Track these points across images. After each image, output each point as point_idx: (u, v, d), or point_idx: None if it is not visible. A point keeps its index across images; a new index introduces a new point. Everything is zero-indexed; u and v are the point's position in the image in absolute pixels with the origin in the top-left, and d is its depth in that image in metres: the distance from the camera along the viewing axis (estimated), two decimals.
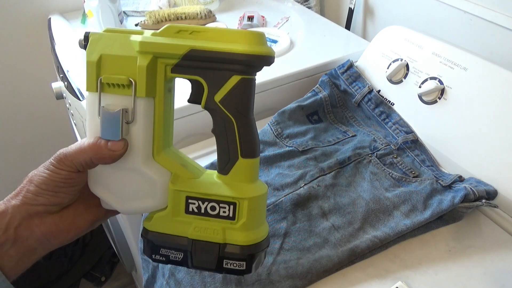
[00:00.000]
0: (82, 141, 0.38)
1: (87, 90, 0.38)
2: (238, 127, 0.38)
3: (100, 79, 0.37)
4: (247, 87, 0.38)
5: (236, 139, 0.38)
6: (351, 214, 0.55)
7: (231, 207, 0.39)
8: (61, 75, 0.84)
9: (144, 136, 0.38)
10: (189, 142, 0.71)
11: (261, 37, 0.37)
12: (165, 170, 0.40)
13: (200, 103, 0.39)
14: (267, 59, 0.38)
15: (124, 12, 0.98)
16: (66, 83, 0.80)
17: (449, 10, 0.82)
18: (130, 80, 0.37)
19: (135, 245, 0.91)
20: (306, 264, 0.49)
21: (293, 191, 0.57)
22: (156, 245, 0.41)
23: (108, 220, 1.01)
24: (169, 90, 0.41)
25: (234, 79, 0.37)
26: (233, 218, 0.39)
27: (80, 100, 0.73)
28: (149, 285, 0.61)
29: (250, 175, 0.40)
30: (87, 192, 0.41)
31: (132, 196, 0.40)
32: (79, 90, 0.75)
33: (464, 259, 0.51)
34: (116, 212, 0.43)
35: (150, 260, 0.60)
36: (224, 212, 0.39)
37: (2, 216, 0.36)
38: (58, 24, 0.96)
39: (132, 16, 1.01)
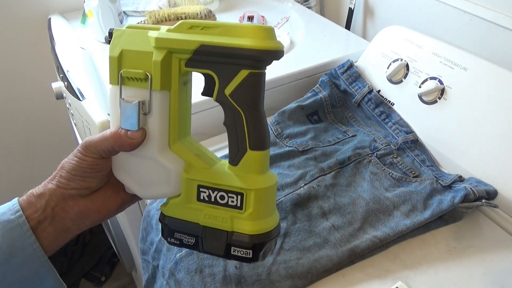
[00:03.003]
0: (106, 130, 0.42)
1: (110, 83, 0.41)
2: (246, 120, 0.39)
3: (121, 73, 0.40)
4: (256, 81, 0.39)
5: (244, 131, 0.39)
6: (351, 214, 0.55)
7: (239, 197, 0.40)
8: (61, 75, 0.84)
9: (159, 126, 0.41)
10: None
11: (269, 32, 0.38)
12: (179, 159, 0.42)
13: (212, 96, 0.40)
14: (275, 54, 0.38)
15: (124, 12, 0.98)
16: (66, 83, 0.80)
17: (449, 10, 0.82)
18: (146, 74, 0.39)
19: (135, 245, 0.91)
20: (306, 264, 0.49)
21: (293, 191, 0.57)
22: (171, 229, 0.43)
23: (108, 220, 1.02)
24: (185, 84, 0.42)
25: (243, 73, 0.38)
26: (240, 207, 0.40)
27: (80, 100, 0.73)
28: (149, 285, 0.62)
29: (259, 167, 0.41)
30: (115, 177, 0.44)
31: (150, 182, 0.43)
32: (79, 90, 0.75)
33: (464, 259, 0.51)
34: (140, 198, 0.46)
35: (150, 260, 0.60)
36: (233, 201, 0.40)
37: (41, 197, 0.40)
38: (58, 24, 0.96)
39: (132, 16, 1.01)
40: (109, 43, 0.41)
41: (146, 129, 0.41)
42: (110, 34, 0.41)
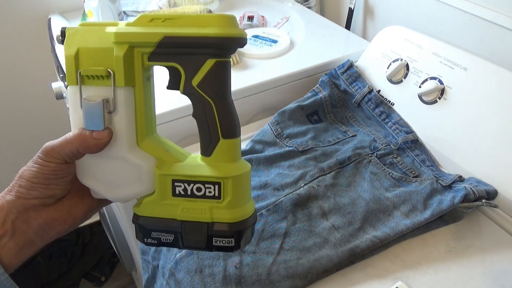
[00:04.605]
0: (67, 134, 0.39)
1: (68, 84, 0.39)
2: (217, 109, 0.39)
3: (79, 72, 0.38)
4: (222, 70, 0.39)
5: (216, 121, 0.39)
6: (351, 214, 0.55)
7: (216, 186, 0.40)
8: (61, 75, 0.84)
9: (126, 124, 0.39)
10: (189, 142, 0.71)
11: (231, 20, 0.38)
12: (150, 156, 0.41)
13: (178, 89, 0.40)
14: (239, 41, 0.39)
15: (124, 12, 0.98)
16: (66, 83, 0.80)
17: (449, 10, 0.82)
18: (108, 71, 0.38)
19: (135, 245, 0.91)
20: (306, 264, 0.49)
21: (293, 191, 0.57)
22: (147, 229, 0.42)
23: (108, 220, 1.02)
24: (148, 79, 0.42)
25: (209, 63, 0.38)
26: (218, 197, 0.40)
27: None
28: (149, 285, 0.62)
29: (232, 155, 0.40)
30: (80, 183, 0.42)
31: (120, 183, 0.41)
32: None
33: (464, 259, 0.51)
34: (108, 201, 0.44)
35: (150, 260, 0.60)
36: (210, 192, 0.40)
37: None
38: (58, 24, 0.96)
39: (132, 16, 1.01)
40: (62, 43, 0.39)
41: (112, 128, 0.39)
42: (63, 33, 0.39)
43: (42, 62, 1.11)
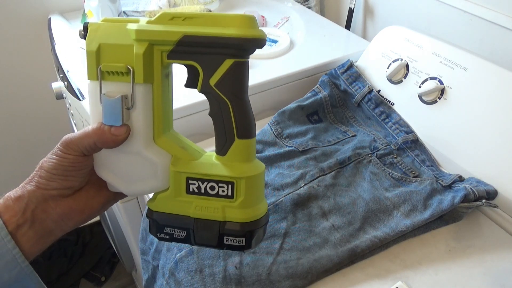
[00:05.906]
0: (87, 127, 0.40)
1: (88, 78, 0.40)
2: (233, 109, 0.39)
3: (100, 67, 0.39)
4: (240, 70, 0.39)
5: (231, 121, 0.39)
6: (351, 214, 0.55)
7: (229, 186, 0.40)
8: (61, 75, 0.84)
9: (144, 121, 0.40)
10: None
11: (252, 21, 0.38)
12: (166, 152, 0.41)
13: (196, 88, 0.40)
14: (259, 42, 0.39)
15: (124, 12, 0.98)
16: (66, 83, 0.80)
17: (449, 10, 0.82)
18: (128, 68, 0.38)
19: (135, 245, 0.91)
20: (306, 264, 0.49)
21: (293, 191, 0.57)
22: (161, 224, 0.42)
23: (108, 220, 1.02)
24: (167, 76, 0.42)
25: (228, 63, 0.38)
26: (231, 196, 0.40)
27: (80, 100, 0.73)
28: (149, 285, 0.62)
29: (247, 155, 0.41)
30: (97, 176, 0.43)
31: (136, 178, 0.42)
32: (79, 90, 0.75)
33: (464, 259, 0.51)
34: (124, 195, 0.45)
35: (150, 260, 0.60)
36: (223, 191, 0.40)
37: (19, 200, 0.38)
38: (58, 24, 0.96)
39: (132, 16, 1.01)
40: (84, 38, 0.40)
41: (129, 123, 0.40)
42: (85, 28, 0.40)
43: (42, 62, 1.11)
